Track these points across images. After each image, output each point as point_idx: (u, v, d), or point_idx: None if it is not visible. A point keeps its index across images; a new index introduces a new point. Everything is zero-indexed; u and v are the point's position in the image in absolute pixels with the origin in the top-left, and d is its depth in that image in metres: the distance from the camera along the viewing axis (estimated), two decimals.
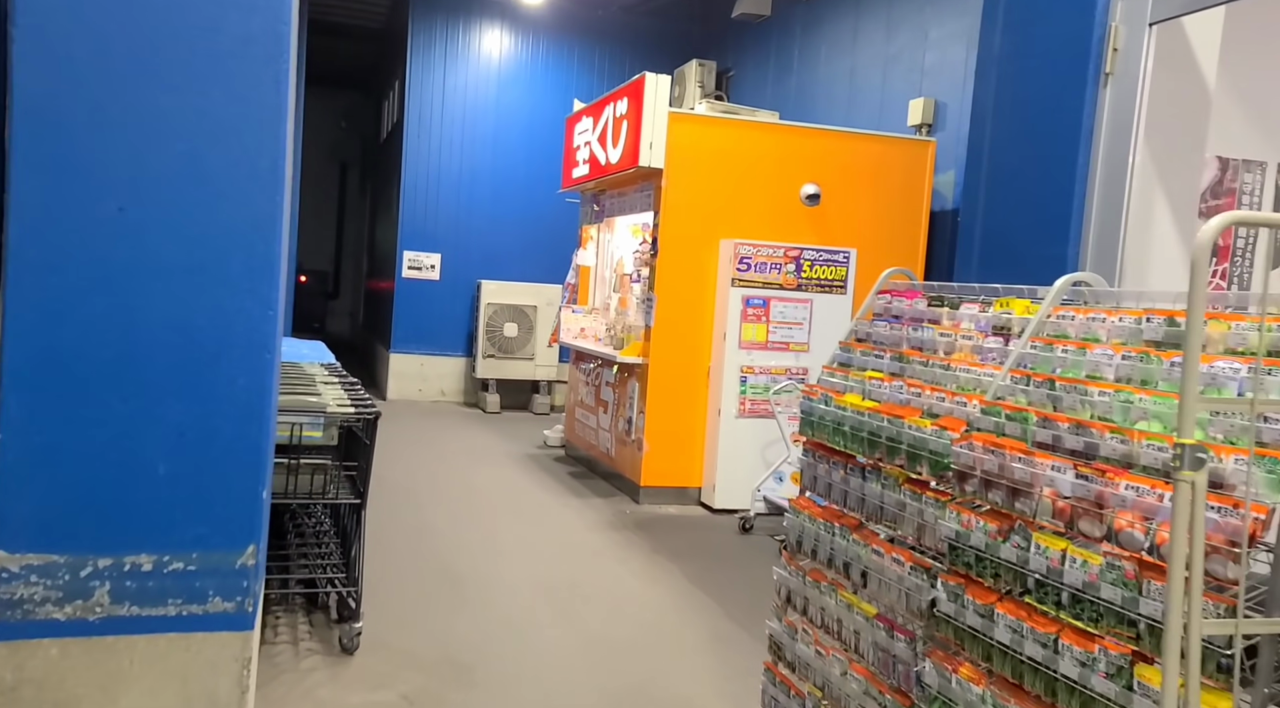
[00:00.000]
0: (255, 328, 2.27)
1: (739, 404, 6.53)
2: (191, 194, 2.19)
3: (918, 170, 7.01)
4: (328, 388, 4.26)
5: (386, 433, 9.11)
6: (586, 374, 7.99)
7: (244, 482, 2.27)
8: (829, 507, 3.08)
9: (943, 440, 2.54)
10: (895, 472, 2.76)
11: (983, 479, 2.35)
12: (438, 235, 11.21)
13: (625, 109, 6.81)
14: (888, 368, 3.00)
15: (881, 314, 3.27)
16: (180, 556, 2.19)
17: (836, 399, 3.05)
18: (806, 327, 6.61)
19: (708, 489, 6.67)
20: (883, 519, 2.80)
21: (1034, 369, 2.45)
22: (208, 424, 2.22)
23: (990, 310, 2.79)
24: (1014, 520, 2.27)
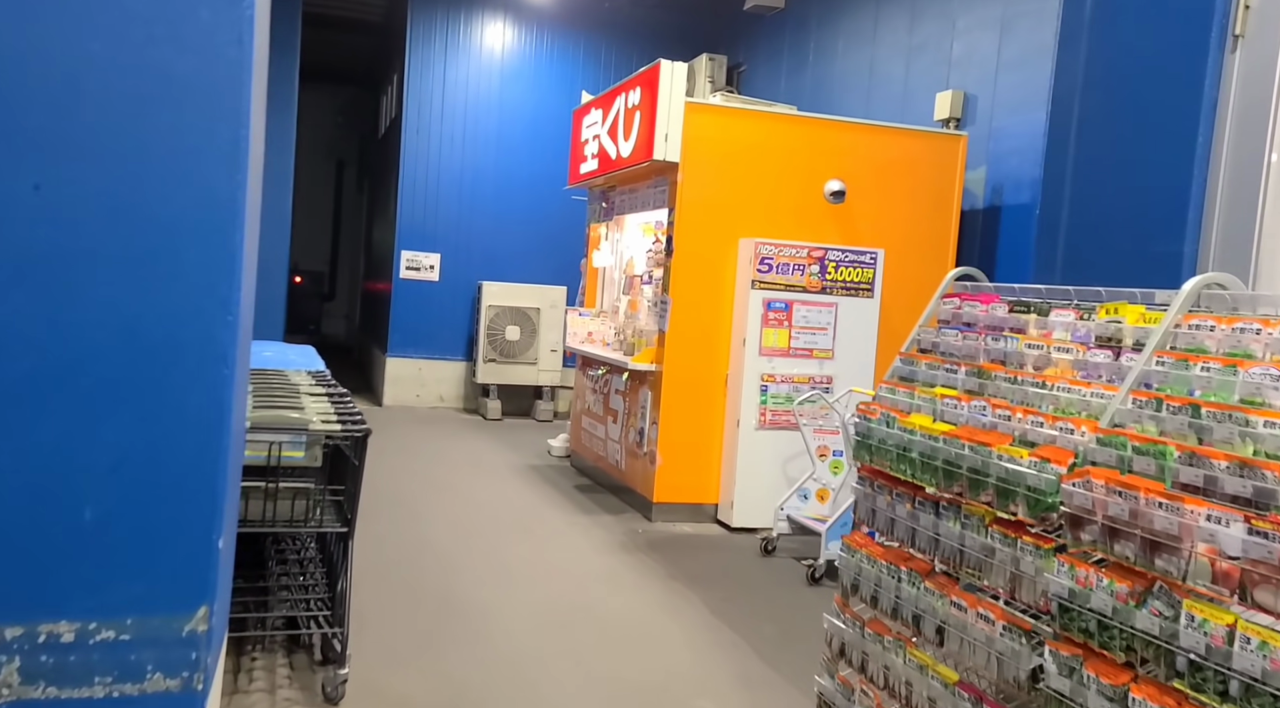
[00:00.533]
0: (211, 334, 1.84)
1: (759, 415, 6.10)
2: (130, 169, 1.76)
3: (948, 166, 6.58)
4: (313, 400, 3.81)
5: (382, 442, 8.69)
6: (594, 381, 7.55)
7: (195, 526, 1.83)
8: (893, 547, 2.65)
9: (1046, 475, 2.10)
10: (980, 509, 2.32)
11: (1106, 527, 1.91)
12: (437, 235, 10.77)
13: (638, 99, 6.37)
14: (964, 384, 2.56)
15: (949, 321, 2.84)
16: (111, 622, 1.75)
17: (901, 420, 2.61)
18: (831, 332, 6.18)
19: (725, 506, 6.23)
20: (963, 565, 2.36)
21: (1165, 390, 2.02)
22: (150, 454, 1.79)
23: (1092, 318, 2.35)
24: (1152, 581, 1.83)
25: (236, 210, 1.86)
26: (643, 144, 6.25)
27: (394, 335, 10.77)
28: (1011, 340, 2.48)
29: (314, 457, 3.37)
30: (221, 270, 1.85)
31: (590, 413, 7.61)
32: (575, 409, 8.06)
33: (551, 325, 10.56)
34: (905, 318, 6.58)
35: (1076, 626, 1.94)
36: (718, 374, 6.27)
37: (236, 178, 1.85)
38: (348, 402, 3.89)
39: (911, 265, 6.48)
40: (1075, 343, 2.33)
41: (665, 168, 6.26)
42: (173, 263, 1.79)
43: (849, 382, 6.08)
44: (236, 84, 1.83)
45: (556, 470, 7.84)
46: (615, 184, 7.37)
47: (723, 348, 6.27)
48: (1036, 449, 2.17)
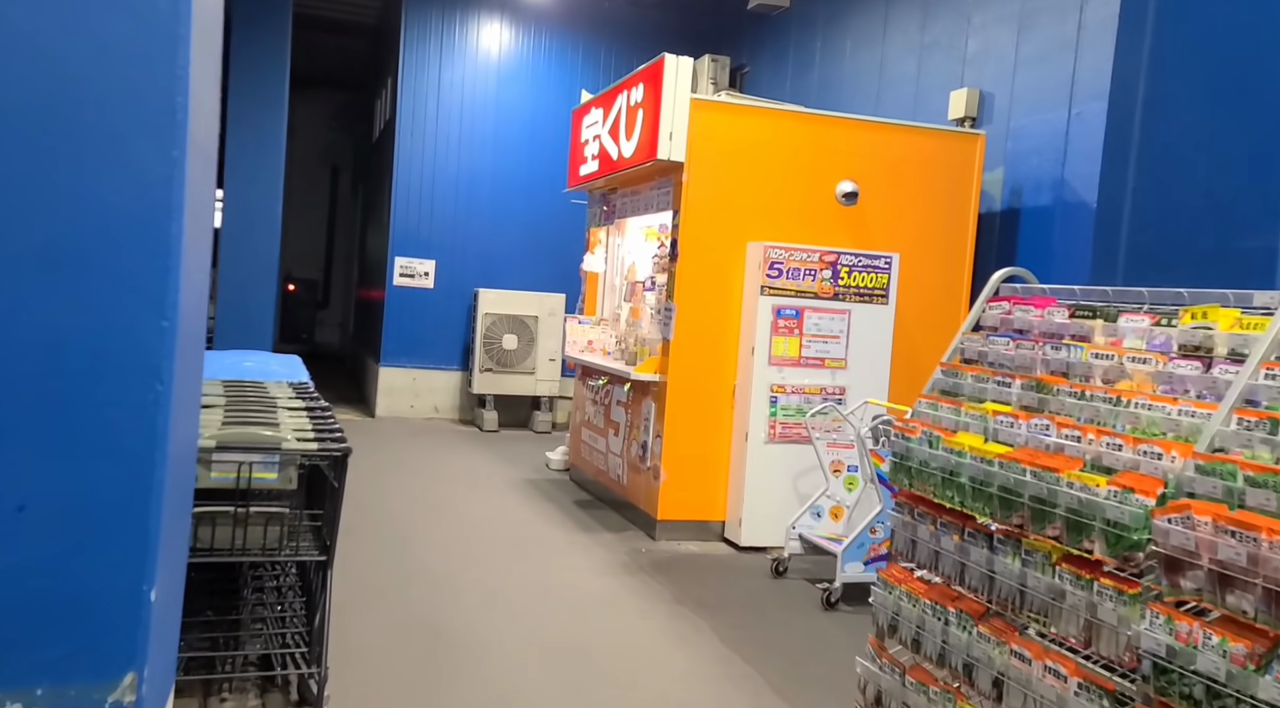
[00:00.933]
0: (141, 344, 1.53)
1: (768, 428, 5.78)
2: (34, 146, 1.45)
3: (965, 167, 6.29)
4: (290, 415, 3.50)
5: (374, 456, 8.39)
6: (594, 392, 7.23)
7: (121, 578, 1.52)
8: (938, 584, 2.34)
9: (1130, 508, 1.79)
10: (1045, 545, 2.01)
11: (1215, 573, 1.60)
12: (432, 240, 10.47)
13: (641, 96, 6.08)
14: (1020, 399, 2.25)
15: (997, 328, 2.53)
16: (17, 692, 1.44)
17: (947, 439, 2.30)
18: (844, 340, 5.87)
19: (733, 524, 5.91)
20: (1025, 609, 2.05)
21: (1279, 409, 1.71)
22: (63, 492, 1.48)
23: (1173, 324, 2.05)
24: (1277, 641, 1.52)
25: (171, 195, 1.55)
26: (646, 144, 5.95)
27: (387, 344, 10.46)
28: (1075, 349, 2.18)
29: (288, 479, 3.06)
30: (153, 267, 1.54)
31: (590, 425, 7.30)
32: (574, 421, 7.74)
33: (550, 334, 10.25)
34: (922, 326, 6.30)
35: (1177, 691, 1.63)
36: (724, 385, 5.96)
37: (172, 156, 1.55)
38: (328, 417, 3.58)
39: (928, 270, 6.18)
40: (1153, 352, 2.03)
41: (669, 168, 5.96)
42: (90, 259, 1.48)
43: (863, 393, 5.78)
44: (170, 43, 1.52)
45: (555, 485, 7.52)
46: (616, 186, 7.08)
47: (730, 357, 5.96)
48: (1116, 476, 1.86)
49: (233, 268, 9.68)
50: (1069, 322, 2.27)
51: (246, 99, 9.63)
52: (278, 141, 9.85)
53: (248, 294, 9.71)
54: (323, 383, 12.62)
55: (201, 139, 1.76)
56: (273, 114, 9.78)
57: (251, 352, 6.10)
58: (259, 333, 9.81)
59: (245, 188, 9.71)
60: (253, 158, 9.73)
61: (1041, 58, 6.13)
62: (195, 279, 1.81)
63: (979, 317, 2.55)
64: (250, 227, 9.75)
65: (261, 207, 9.81)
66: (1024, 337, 2.36)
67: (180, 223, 1.58)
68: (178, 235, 1.57)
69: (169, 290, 1.56)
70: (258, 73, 9.63)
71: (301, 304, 17.36)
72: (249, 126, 9.69)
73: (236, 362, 5.27)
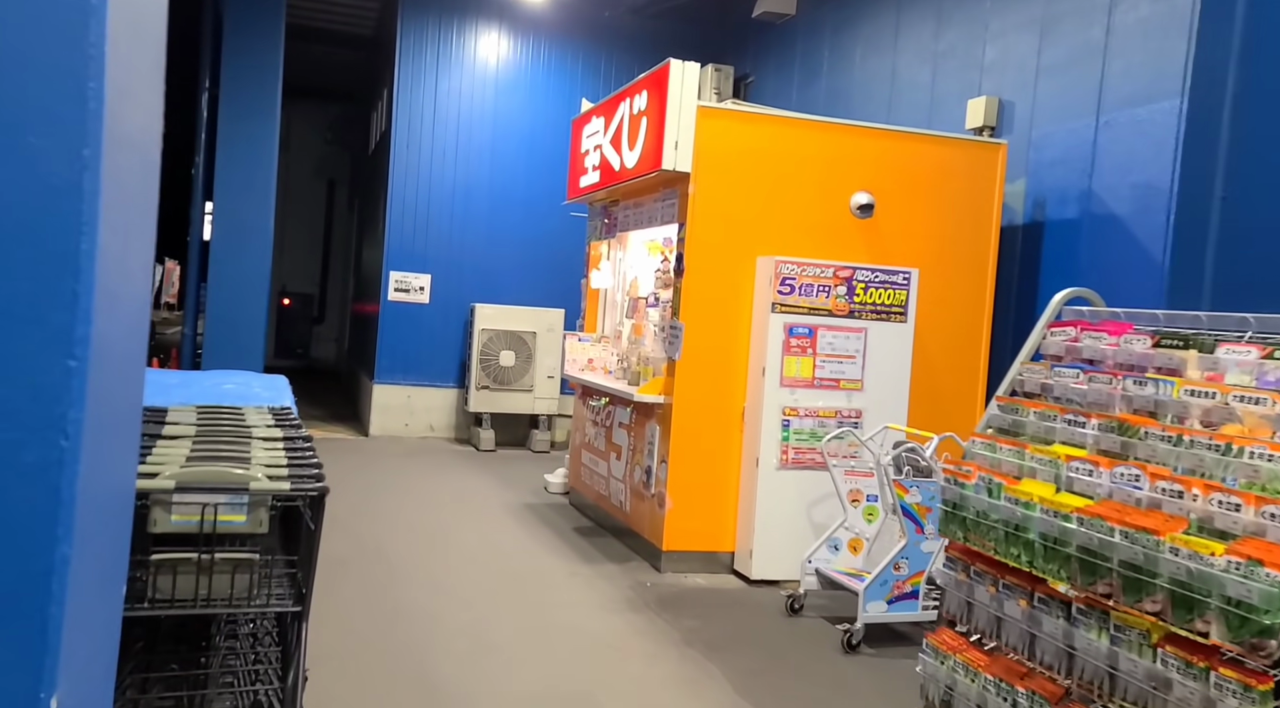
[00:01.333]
0: (40, 393, 1.21)
1: (780, 453, 5.47)
2: None
3: (986, 178, 5.99)
4: (265, 448, 3.18)
5: (365, 477, 8.06)
6: (595, 412, 6.92)
7: (9, 686, 1.20)
8: (1002, 657, 2.03)
9: (1260, 585, 1.48)
10: (1141, 621, 1.69)
11: None
12: (428, 254, 10.17)
13: (645, 104, 5.79)
14: (1097, 442, 1.94)
15: (1062, 357, 2.22)
16: None
17: (1010, 487, 1.98)
18: (860, 360, 5.56)
19: (743, 555, 5.59)
20: (1116, 695, 1.73)
21: None
22: None
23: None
24: None
25: (82, 205, 1.24)
26: (650, 153, 5.66)
27: (381, 361, 10.14)
28: (1164, 385, 1.87)
29: (258, 521, 2.74)
30: (57, 294, 1.23)
31: (591, 447, 6.98)
32: (574, 442, 7.42)
33: (548, 350, 9.94)
34: (942, 346, 6.00)
35: None
36: (733, 407, 5.65)
37: (82, 156, 1.24)
38: (308, 450, 3.25)
39: (948, 287, 5.88)
40: (1267, 390, 1.72)
41: (675, 179, 5.67)
42: None
43: (880, 416, 5.47)
44: (78, 13, 1.22)
45: (554, 510, 7.19)
46: (618, 198, 6.78)
47: (739, 378, 5.65)
48: (1235, 544, 1.55)
49: (222, 283, 9.38)
50: (1153, 352, 1.96)
51: (237, 108, 9.35)
52: (270, 152, 9.56)
53: (238, 310, 9.41)
54: (316, 400, 12.33)
55: (132, 136, 1.46)
56: (265, 123, 9.50)
57: (235, 372, 5.76)
58: (249, 350, 9.50)
59: (236, 200, 9.42)
60: (244, 169, 9.44)
61: (1066, 64, 5.85)
62: (124, 304, 1.49)
63: (1039, 344, 2.24)
64: (241, 240, 9.45)
65: (253, 219, 9.51)
66: (1097, 368, 2.05)
67: (94, 239, 1.27)
68: (90, 254, 1.26)
69: (78, 322, 1.25)
70: (249, 81, 9.35)
71: (296, 319, 17.07)
72: (240, 137, 9.41)
73: (217, 384, 4.94)
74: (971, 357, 5.97)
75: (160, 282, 17.94)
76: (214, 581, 2.76)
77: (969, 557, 2.10)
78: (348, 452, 9.15)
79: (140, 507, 2.61)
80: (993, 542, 1.99)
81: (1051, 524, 1.85)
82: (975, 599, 2.07)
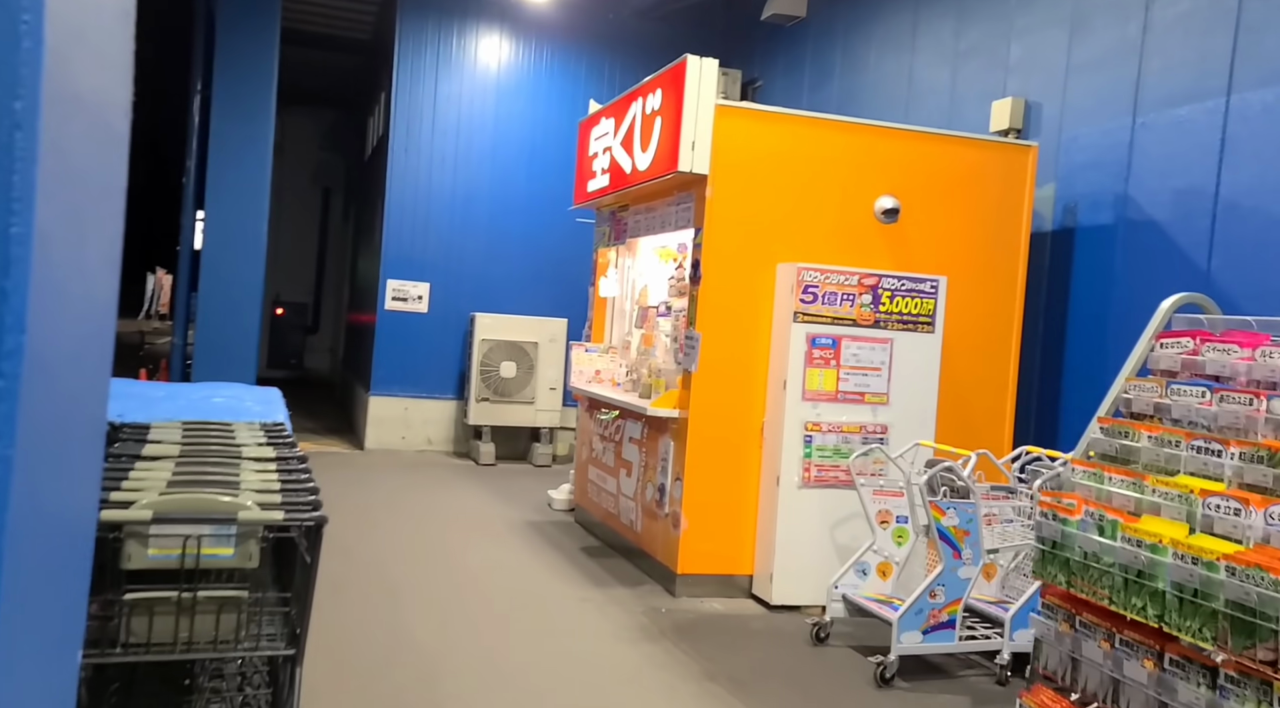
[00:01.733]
0: None
1: (802, 471, 5.17)
2: None
3: (1015, 182, 5.72)
4: (256, 470, 2.88)
5: (361, 493, 7.73)
6: (603, 426, 6.61)
7: None
8: None
9: None
10: None
11: None
12: (426, 262, 9.88)
13: (659, 103, 5.52)
14: (1240, 474, 1.65)
15: (1177, 372, 1.93)
16: None
17: (1127, 526, 1.69)
18: (885, 373, 5.28)
19: (762, 578, 5.28)
20: None
21: None
22: None
23: None
24: None
25: (14, 171, 0.95)
26: (665, 154, 5.38)
27: (378, 372, 9.83)
28: None
29: (247, 555, 2.43)
30: None
31: (598, 463, 6.67)
32: (580, 457, 7.11)
33: (551, 361, 9.65)
34: (969, 357, 5.71)
35: None
36: (752, 422, 5.35)
37: (15, 110, 0.95)
38: (303, 472, 2.95)
39: (976, 295, 5.61)
40: None
41: (691, 181, 5.39)
42: None
43: (906, 432, 5.19)
44: None
45: (560, 528, 6.88)
46: (628, 202, 6.50)
47: (758, 391, 5.35)
48: None
49: (214, 291, 9.07)
50: None
51: (230, 111, 9.06)
52: (264, 156, 9.27)
53: (229, 319, 9.09)
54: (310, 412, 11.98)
55: (86, 96, 1.16)
56: (259, 127, 9.21)
57: (226, 384, 5.46)
58: (241, 361, 9.18)
59: (228, 206, 9.12)
60: (237, 174, 9.14)
61: (1099, 63, 5.59)
62: (77, 306, 1.19)
63: (1145, 356, 1.95)
64: (233, 247, 9.14)
65: (246, 226, 9.21)
66: (1227, 385, 1.76)
67: (28, 220, 0.97)
68: (23, 240, 0.97)
69: (6, 330, 0.96)
70: (242, 83, 9.06)
71: (291, 328, 16.76)
72: (233, 140, 9.12)
73: (206, 397, 4.64)
74: (1000, 370, 5.69)
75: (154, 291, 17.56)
76: (196, 622, 2.45)
77: (1073, 605, 1.80)
78: (343, 466, 8.83)
79: (112, 540, 2.32)
80: (1107, 590, 1.70)
81: (1189, 573, 1.55)
82: (1083, 655, 1.77)
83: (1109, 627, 1.74)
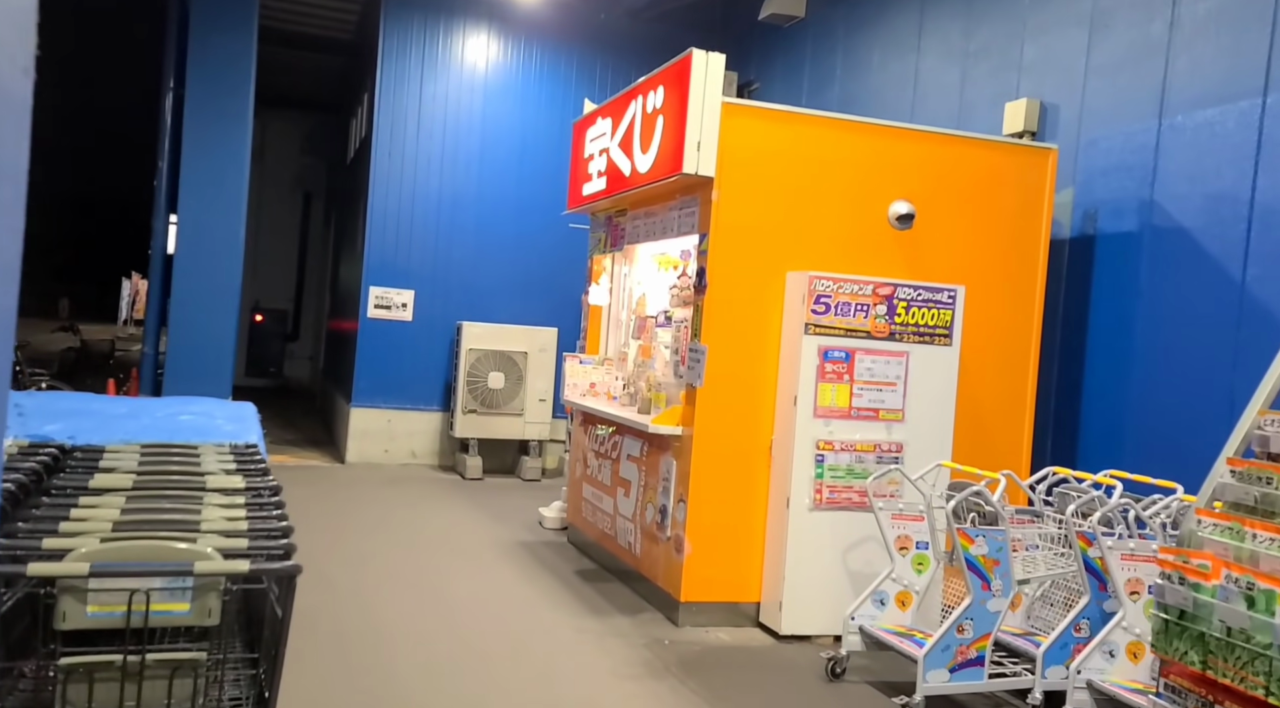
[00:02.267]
0: None
1: (814, 492, 4.86)
2: None
3: (1035, 186, 5.45)
4: (221, 505, 2.53)
5: (341, 511, 7.34)
6: (599, 442, 6.28)
7: None
8: None
9: None
10: None
11: None
12: (410, 269, 9.51)
13: (661, 101, 5.21)
14: None
15: None
16: None
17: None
18: (901, 388, 4.97)
19: (771, 607, 4.96)
20: None
21: None
22: None
23: None
24: None
25: None
26: (668, 156, 5.07)
27: (360, 382, 9.45)
28: None
29: (205, 611, 2.08)
30: None
31: (593, 481, 6.33)
32: (573, 474, 6.77)
33: (540, 372, 9.31)
34: (985, 372, 5.40)
35: None
36: (760, 440, 5.04)
37: None
38: (274, 506, 2.61)
39: (992, 306, 5.32)
40: None
41: (695, 184, 5.08)
42: None
43: (923, 450, 4.89)
44: None
45: (552, 549, 6.53)
46: (626, 207, 6.18)
47: (766, 407, 5.04)
48: None
49: (187, 298, 8.68)
50: None
51: (205, 111, 8.68)
52: (240, 157, 8.89)
53: (204, 327, 8.71)
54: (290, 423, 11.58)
55: None
56: (235, 127, 8.83)
57: (196, 399, 5.07)
58: (216, 370, 8.80)
59: (203, 209, 8.74)
60: (212, 176, 8.76)
61: (1121, 63, 5.33)
62: None
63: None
64: (208, 252, 8.76)
65: (222, 230, 8.83)
66: None
67: None
68: None
69: None
70: (218, 81, 8.69)
71: (270, 336, 16.31)
72: (208, 140, 8.74)
73: (173, 414, 4.27)
74: (1018, 385, 5.40)
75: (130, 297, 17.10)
76: (146, 688, 2.10)
77: (1209, 690, 1.49)
78: (322, 481, 8.45)
79: (44, 596, 1.97)
80: (1262, 677, 1.38)
81: None
82: None
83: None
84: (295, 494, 7.52)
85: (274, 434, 11.52)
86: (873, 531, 4.74)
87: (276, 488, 2.81)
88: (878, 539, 4.74)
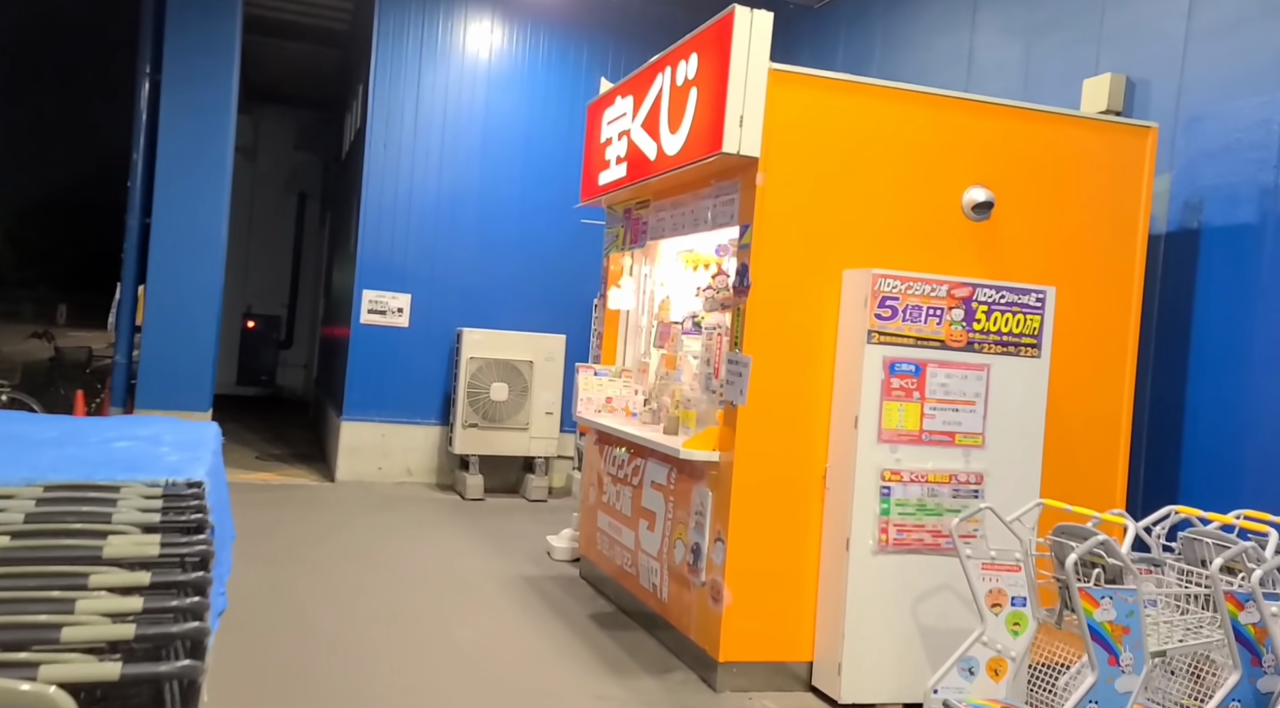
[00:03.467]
0: None
1: (878, 532, 4.08)
2: None
3: (1131, 171, 4.68)
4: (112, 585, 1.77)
5: (326, 538, 6.51)
6: (617, 465, 5.51)
7: None
8: None
9: None
10: None
11: None
12: (407, 271, 8.76)
13: (694, 71, 4.46)
14: None
15: None
16: None
17: None
18: (981, 407, 4.20)
19: (827, 668, 4.17)
20: None
21: None
22: None
23: None
24: None
25: None
26: (703, 134, 4.31)
27: (351, 393, 8.69)
28: None
29: None
30: None
31: (610, 509, 5.56)
32: (587, 501, 6.00)
33: (547, 383, 8.55)
34: (1075, 388, 4.47)
35: None
36: (813, 470, 4.26)
37: None
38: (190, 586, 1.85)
39: (1088, 309, 4.55)
40: None
41: (735, 167, 4.31)
42: None
43: (1007, 481, 4.12)
44: None
45: (563, 585, 5.75)
46: (649, 197, 5.41)
47: (819, 430, 4.27)
48: None
49: (162, 304, 7.94)
50: None
51: (183, 102, 7.96)
52: (223, 150, 8.15)
53: (180, 334, 7.97)
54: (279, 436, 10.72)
55: None
56: (217, 119, 8.10)
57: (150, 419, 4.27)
58: (194, 382, 8.05)
59: (181, 207, 8.00)
60: (191, 172, 8.03)
61: (1231, 25, 4.57)
62: None
63: None
64: (187, 254, 8.02)
65: (202, 230, 8.09)
66: None
67: None
68: None
69: None
70: (197, 70, 7.97)
71: (262, 343, 15.56)
72: (187, 134, 8.00)
73: (109, 440, 3.48)
74: (1112, 404, 4.62)
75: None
76: None
77: None
78: (307, 503, 7.68)
79: None
80: None
81: None
82: None
83: None
84: (275, 519, 6.77)
85: (261, 449, 10.75)
86: (947, 577, 3.98)
87: (202, 552, 2.04)
88: (953, 588, 3.98)
